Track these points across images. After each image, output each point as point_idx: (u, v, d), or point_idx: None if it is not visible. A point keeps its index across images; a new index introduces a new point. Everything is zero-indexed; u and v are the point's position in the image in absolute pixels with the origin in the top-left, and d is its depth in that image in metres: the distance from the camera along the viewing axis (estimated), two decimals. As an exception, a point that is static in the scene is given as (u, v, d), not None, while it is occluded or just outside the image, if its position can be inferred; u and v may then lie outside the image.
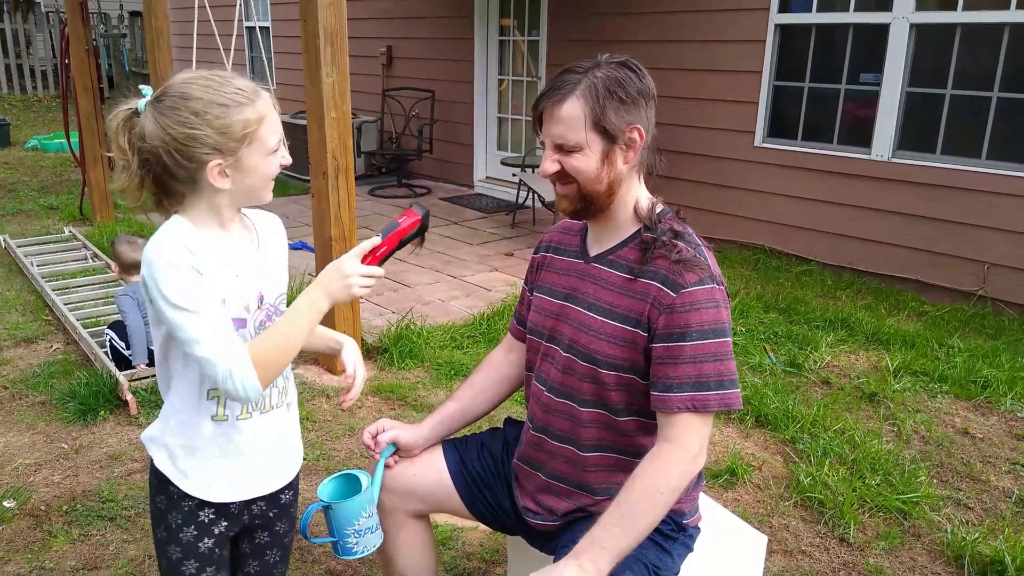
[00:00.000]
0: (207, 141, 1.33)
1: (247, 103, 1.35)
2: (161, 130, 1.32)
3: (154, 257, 1.32)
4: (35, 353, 3.92)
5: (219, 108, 1.33)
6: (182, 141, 1.32)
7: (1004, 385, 3.57)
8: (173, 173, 1.36)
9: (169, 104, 1.33)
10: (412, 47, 8.27)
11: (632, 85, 1.48)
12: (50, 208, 6.87)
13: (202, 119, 1.32)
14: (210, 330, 1.31)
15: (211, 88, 1.34)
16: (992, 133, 4.52)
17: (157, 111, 1.33)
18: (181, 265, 1.31)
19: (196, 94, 1.33)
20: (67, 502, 2.70)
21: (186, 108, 1.32)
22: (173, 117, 1.32)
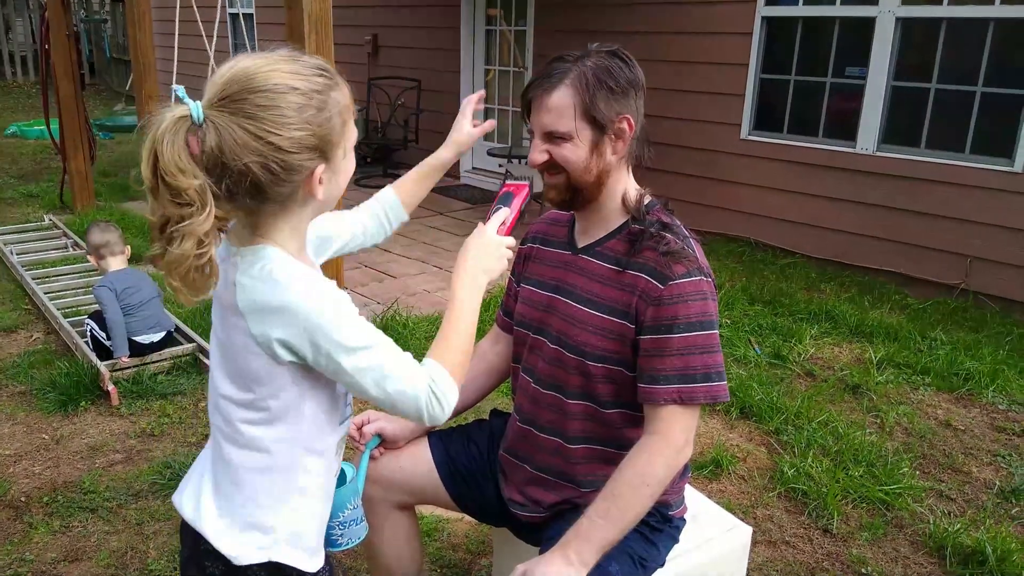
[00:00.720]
0: (311, 143, 1.06)
1: (335, 84, 1.10)
2: (254, 138, 1.02)
3: (303, 302, 1.07)
4: (15, 343, 3.87)
5: (318, 97, 1.06)
6: (287, 148, 1.03)
7: (986, 377, 3.61)
8: (266, 193, 1.06)
9: (255, 103, 1.02)
10: (398, 36, 8.22)
11: (622, 75, 1.47)
12: (30, 196, 6.77)
13: (302, 115, 1.04)
14: (395, 356, 1.12)
15: (298, 74, 1.06)
16: (976, 127, 4.55)
17: (235, 114, 1.02)
18: (340, 298, 1.09)
19: (285, 82, 1.04)
20: (48, 493, 2.67)
21: (284, 103, 1.03)
22: (269, 118, 1.02)
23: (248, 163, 1.02)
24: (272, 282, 1.08)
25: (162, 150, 1.00)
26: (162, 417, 3.18)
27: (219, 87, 1.04)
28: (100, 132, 9.27)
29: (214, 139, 1.02)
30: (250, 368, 1.13)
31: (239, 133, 1.02)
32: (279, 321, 1.07)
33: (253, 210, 1.10)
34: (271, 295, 1.07)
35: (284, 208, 1.11)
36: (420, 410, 1.13)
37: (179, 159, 1.00)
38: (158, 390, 3.35)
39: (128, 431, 3.08)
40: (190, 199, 1.00)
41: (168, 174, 1.00)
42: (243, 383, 1.15)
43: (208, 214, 1.01)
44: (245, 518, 1.19)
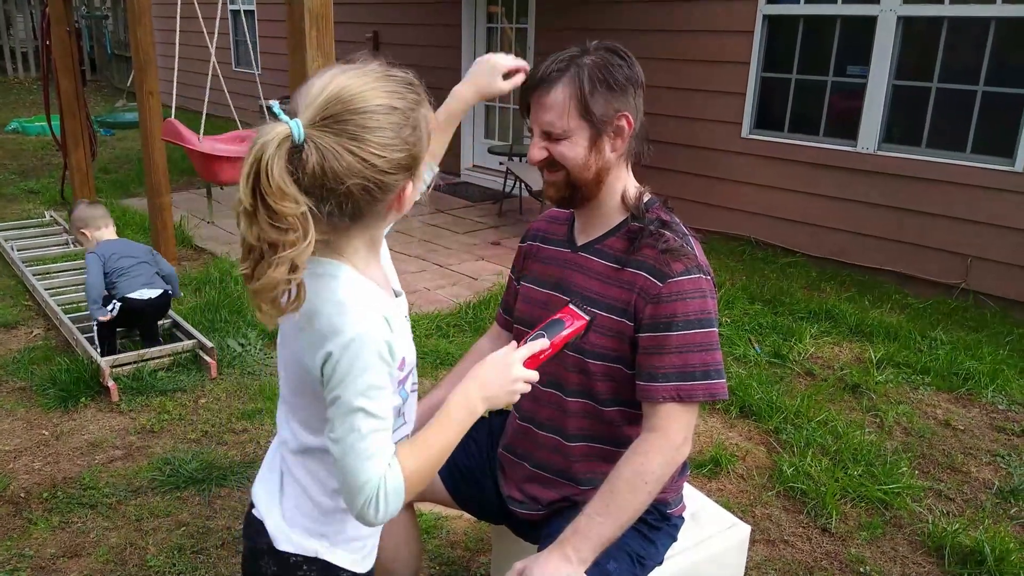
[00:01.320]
0: (406, 162, 1.04)
1: (423, 99, 1.08)
2: (359, 160, 0.99)
3: (357, 334, 1.05)
4: (15, 338, 3.88)
5: (413, 116, 1.05)
6: (386, 169, 1.02)
7: (986, 377, 3.61)
8: (362, 213, 1.05)
9: (360, 124, 1.00)
10: (399, 33, 8.21)
11: (621, 72, 1.46)
12: (31, 192, 6.77)
13: (401, 135, 1.03)
14: (384, 447, 1.07)
15: (396, 92, 1.04)
16: (977, 127, 4.55)
17: (339, 135, 0.99)
18: (384, 353, 1.07)
19: (387, 102, 1.02)
20: (47, 489, 2.68)
21: (387, 124, 1.01)
22: (374, 140, 1.00)
23: (351, 186, 1.00)
24: (334, 304, 1.07)
25: (270, 172, 0.96)
26: (162, 413, 3.18)
27: (320, 106, 1.00)
28: (101, 128, 9.26)
29: (317, 160, 0.98)
30: (300, 378, 1.14)
31: (344, 156, 0.99)
32: (331, 338, 1.06)
33: (334, 228, 1.07)
34: (328, 316, 1.06)
35: (363, 223, 1.09)
36: (358, 503, 1.07)
37: (284, 183, 0.96)
38: (158, 386, 3.35)
39: (128, 427, 3.08)
40: (291, 224, 0.97)
41: (271, 197, 0.96)
42: (301, 393, 1.16)
43: (309, 242, 0.98)
44: (304, 521, 1.21)
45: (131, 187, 6.92)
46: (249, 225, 0.98)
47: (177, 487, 2.70)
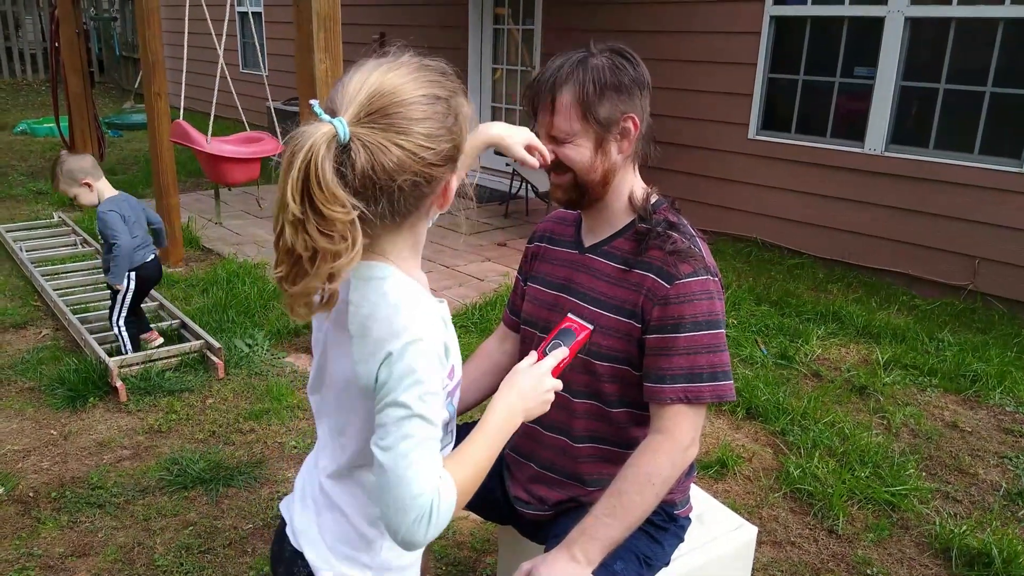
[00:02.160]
0: (451, 153, 1.01)
1: (460, 88, 1.05)
2: (409, 154, 0.95)
3: (416, 335, 0.99)
4: (24, 339, 3.90)
5: (454, 102, 1.02)
6: (434, 161, 0.98)
7: (993, 379, 3.59)
8: (408, 210, 1.01)
9: (407, 116, 0.96)
10: (406, 34, 8.13)
11: (626, 74, 1.47)
12: (39, 193, 6.81)
13: (446, 124, 1.00)
14: (437, 457, 1.01)
15: (436, 82, 1.01)
16: (985, 128, 4.53)
17: (386, 129, 0.95)
18: (441, 355, 1.02)
19: (431, 92, 0.99)
20: (56, 488, 2.69)
21: (433, 114, 0.98)
22: (422, 132, 0.97)
23: (401, 182, 0.96)
24: (389, 307, 1.01)
25: (323, 175, 0.91)
26: (170, 414, 3.19)
27: (362, 103, 0.95)
28: (109, 130, 9.30)
29: (366, 158, 0.94)
30: (350, 394, 1.07)
31: (393, 150, 0.95)
32: (381, 344, 1.00)
33: (377, 226, 1.01)
34: (385, 320, 1.01)
35: (407, 221, 1.04)
36: (407, 521, 0.98)
37: (335, 187, 0.91)
38: (166, 387, 3.36)
39: (136, 427, 3.10)
40: (340, 232, 0.92)
41: (323, 203, 0.91)
42: (351, 408, 1.09)
43: (356, 253, 0.94)
44: (346, 550, 1.17)
45: (139, 188, 6.94)
46: (296, 233, 0.93)
47: (184, 487, 2.71)
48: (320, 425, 1.21)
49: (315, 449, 1.25)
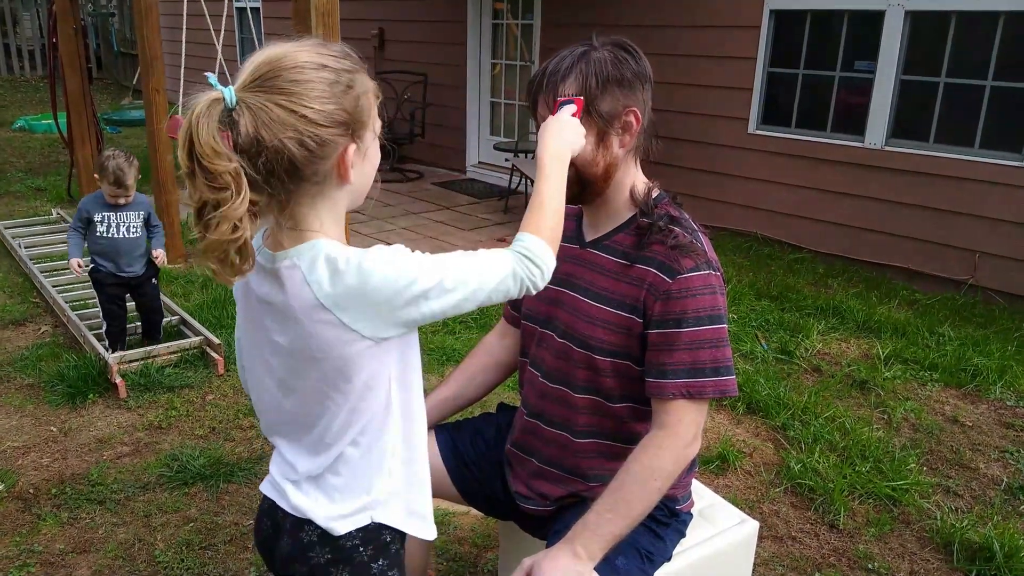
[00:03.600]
0: (342, 118, 1.06)
1: (361, 68, 1.11)
2: (288, 112, 1.02)
3: (365, 253, 1.08)
4: (23, 335, 3.89)
5: (347, 76, 1.07)
6: (320, 122, 1.04)
7: (994, 373, 3.59)
8: (301, 173, 1.06)
9: (287, 78, 1.03)
10: (404, 30, 8.21)
11: (628, 67, 1.46)
12: (38, 190, 6.80)
13: (333, 90, 1.05)
14: (477, 267, 1.14)
15: (327, 55, 1.08)
16: (985, 122, 4.53)
17: (268, 91, 1.02)
18: (398, 249, 1.11)
19: (315, 60, 1.06)
20: (56, 485, 2.69)
21: (316, 78, 1.04)
22: (301, 92, 1.03)
23: (284, 139, 1.02)
24: (352, 270, 1.07)
25: (198, 134, 1.00)
26: (169, 410, 3.19)
27: (250, 71, 1.05)
28: (107, 126, 9.28)
29: (249, 120, 1.02)
30: (347, 356, 1.11)
31: (274, 110, 1.02)
32: (378, 306, 1.08)
33: (291, 199, 1.09)
34: (356, 282, 1.07)
35: (322, 193, 1.10)
36: (520, 280, 1.17)
37: (214, 142, 1.00)
38: (165, 383, 3.36)
39: (136, 424, 3.09)
40: (225, 183, 1.01)
41: (204, 157, 1.00)
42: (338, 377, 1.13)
43: (243, 198, 1.02)
44: (350, 498, 1.20)
45: (138, 184, 6.93)
46: (191, 187, 1.02)
47: (185, 483, 2.71)
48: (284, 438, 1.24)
49: (279, 462, 1.26)
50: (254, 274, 1.15)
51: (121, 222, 3.46)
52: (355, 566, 1.20)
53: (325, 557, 1.20)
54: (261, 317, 1.17)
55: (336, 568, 1.20)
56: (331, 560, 1.20)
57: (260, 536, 1.31)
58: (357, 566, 1.20)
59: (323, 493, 1.21)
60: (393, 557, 1.24)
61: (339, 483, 1.20)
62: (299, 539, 1.21)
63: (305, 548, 1.20)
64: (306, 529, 1.20)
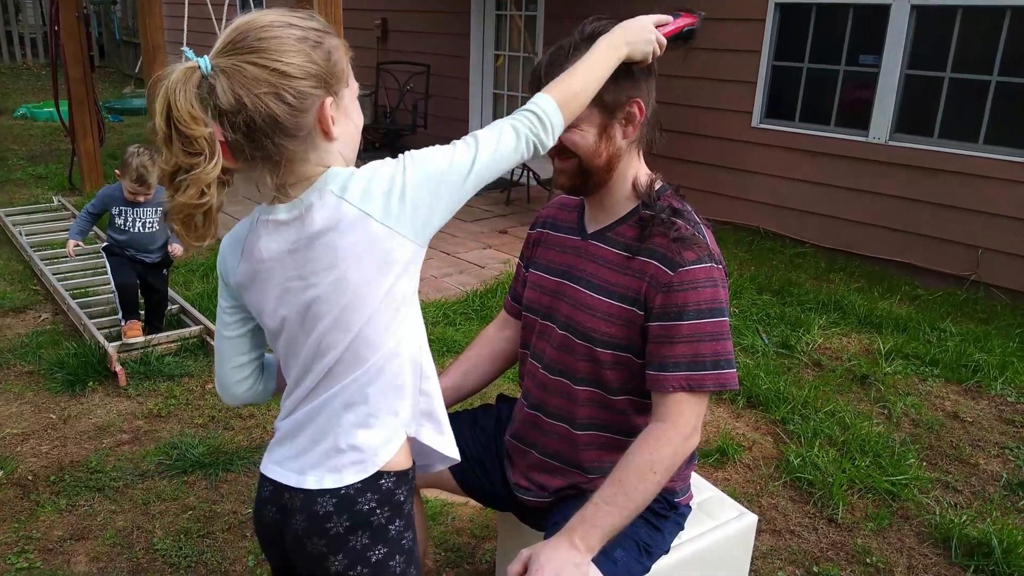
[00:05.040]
0: (314, 71, 1.09)
1: (331, 33, 1.15)
2: (261, 68, 1.05)
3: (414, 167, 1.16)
4: (23, 323, 3.89)
5: (315, 35, 1.11)
6: (293, 74, 1.07)
7: (995, 369, 3.59)
8: (284, 127, 1.08)
9: (256, 37, 1.07)
10: (407, 20, 8.18)
11: (632, 58, 1.44)
12: (39, 177, 6.79)
13: (302, 45, 1.08)
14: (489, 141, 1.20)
15: (294, 16, 1.12)
16: (990, 117, 4.51)
17: (239, 52, 1.06)
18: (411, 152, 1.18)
19: (282, 19, 1.10)
20: (55, 472, 2.69)
21: (284, 35, 1.08)
22: (271, 47, 1.06)
23: (261, 95, 1.05)
24: (387, 176, 1.14)
25: (176, 100, 1.03)
26: (169, 398, 3.19)
27: (221, 40, 1.09)
28: (109, 115, 9.27)
29: (226, 83, 1.05)
30: (390, 264, 1.15)
31: (248, 68, 1.05)
32: (426, 199, 1.14)
33: (283, 155, 1.11)
34: (392, 185, 1.13)
35: (314, 147, 1.13)
36: (527, 142, 1.21)
37: (192, 108, 1.03)
38: (165, 371, 3.36)
39: (135, 412, 3.09)
40: (200, 148, 1.04)
41: (181, 123, 1.03)
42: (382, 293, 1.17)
43: (215, 163, 1.05)
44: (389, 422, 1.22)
45: (139, 173, 6.92)
46: (167, 152, 1.06)
47: (184, 471, 2.71)
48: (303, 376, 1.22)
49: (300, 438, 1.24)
50: (267, 238, 1.17)
51: (138, 217, 3.48)
52: (374, 530, 1.20)
53: (344, 525, 1.18)
54: (287, 277, 1.17)
55: (355, 536, 1.19)
56: (350, 528, 1.19)
57: (263, 525, 1.29)
58: (376, 530, 1.20)
59: (366, 424, 1.21)
60: (407, 518, 1.25)
61: (380, 407, 1.21)
62: (314, 512, 1.19)
63: (322, 520, 1.19)
64: (320, 501, 1.19)
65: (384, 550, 1.21)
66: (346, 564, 1.19)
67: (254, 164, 1.12)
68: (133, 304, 3.52)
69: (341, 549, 1.19)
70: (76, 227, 3.60)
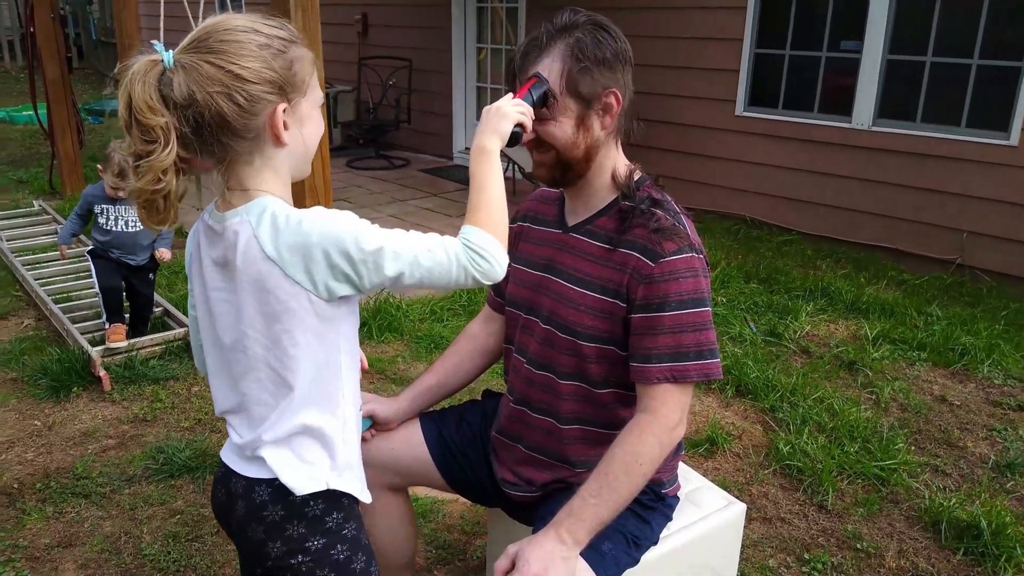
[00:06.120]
0: (271, 77, 1.12)
1: (297, 42, 1.18)
2: (217, 68, 1.09)
3: (308, 212, 1.13)
4: (5, 329, 3.85)
5: (279, 42, 1.14)
6: (247, 78, 1.10)
7: (982, 352, 3.60)
8: (233, 127, 1.12)
9: (219, 39, 1.11)
10: (388, 14, 8.13)
11: (608, 47, 1.43)
12: (19, 182, 6.72)
13: (262, 52, 1.12)
14: (418, 240, 1.17)
15: (261, 23, 1.15)
16: (972, 101, 4.52)
17: (200, 51, 1.10)
18: (343, 211, 1.15)
19: (248, 25, 1.13)
20: (41, 479, 2.66)
21: (246, 39, 1.11)
22: (230, 50, 1.10)
23: (213, 93, 1.09)
24: (293, 226, 1.13)
25: (134, 90, 1.09)
26: (154, 402, 3.16)
27: (188, 38, 1.13)
28: (88, 116, 9.18)
29: (183, 78, 1.09)
30: (295, 311, 1.16)
31: (204, 67, 1.09)
32: (320, 260, 1.12)
33: (228, 154, 1.15)
34: (295, 238, 1.12)
35: (260, 151, 1.16)
36: (464, 268, 1.17)
37: (149, 99, 1.08)
38: (150, 375, 3.33)
39: (120, 416, 3.06)
40: (155, 136, 1.09)
41: (139, 112, 1.08)
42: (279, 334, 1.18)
43: (170, 151, 1.10)
44: (312, 458, 1.24)
45: (121, 175, 6.85)
46: (128, 139, 1.12)
47: (171, 475, 2.69)
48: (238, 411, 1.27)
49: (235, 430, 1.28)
50: (205, 239, 1.22)
51: (120, 215, 3.42)
52: (309, 520, 1.24)
53: (279, 514, 1.23)
54: (215, 282, 1.22)
55: (291, 525, 1.23)
56: (285, 517, 1.23)
57: (216, 504, 1.35)
58: (311, 520, 1.24)
59: (291, 453, 1.23)
60: (347, 510, 1.28)
61: (303, 447, 1.24)
62: (251, 500, 1.24)
63: (258, 508, 1.24)
64: (257, 490, 1.24)
65: (322, 540, 1.24)
66: (284, 551, 1.23)
67: (205, 159, 1.16)
68: (117, 307, 3.48)
69: (279, 536, 1.24)
70: (64, 231, 3.59)
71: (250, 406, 1.24)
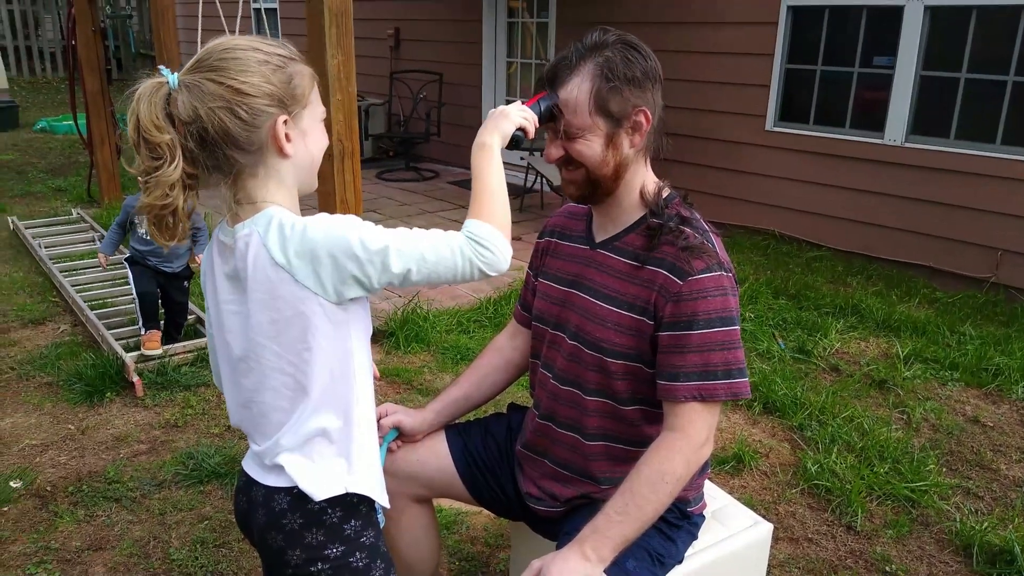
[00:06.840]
0: (271, 91, 1.17)
1: (297, 59, 1.23)
2: (218, 85, 1.14)
3: (311, 219, 1.16)
4: (42, 334, 3.93)
5: (279, 59, 1.19)
6: (248, 92, 1.15)
7: (1016, 373, 3.53)
8: (236, 140, 1.16)
9: (220, 57, 1.16)
10: (420, 29, 8.21)
11: (638, 66, 1.44)
12: (58, 190, 6.87)
13: (262, 68, 1.16)
14: (418, 235, 1.19)
15: (262, 42, 1.20)
16: (1007, 118, 4.45)
17: (206, 72, 1.15)
18: (346, 216, 1.19)
19: (248, 44, 1.18)
20: (73, 483, 2.71)
21: (245, 56, 1.16)
22: (231, 67, 1.15)
23: (215, 108, 1.14)
24: (299, 233, 1.16)
25: (141, 110, 1.14)
26: (186, 408, 3.21)
27: (194, 61, 1.18)
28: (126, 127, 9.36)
29: (186, 96, 1.14)
30: (306, 315, 1.18)
31: (207, 85, 1.14)
32: (327, 263, 1.15)
33: (234, 168, 1.19)
34: (301, 244, 1.15)
35: (264, 164, 1.20)
36: (469, 261, 1.19)
37: (155, 118, 1.14)
38: (182, 382, 3.38)
39: (152, 422, 3.11)
40: (161, 153, 1.14)
41: (146, 131, 1.13)
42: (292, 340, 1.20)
43: (176, 167, 1.14)
44: (320, 458, 1.26)
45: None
46: (137, 157, 1.16)
47: (200, 481, 2.72)
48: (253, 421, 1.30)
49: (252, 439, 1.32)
50: (218, 255, 1.25)
51: None
52: (328, 528, 1.26)
53: (298, 523, 1.25)
54: (226, 295, 1.25)
55: (310, 532, 1.26)
56: (303, 525, 1.25)
57: (238, 513, 1.37)
58: (330, 528, 1.26)
59: (309, 458, 1.25)
60: (365, 518, 1.31)
61: (321, 451, 1.26)
62: (271, 508, 1.27)
63: (278, 516, 1.26)
64: (276, 499, 1.26)
65: (341, 548, 1.27)
66: (304, 559, 1.26)
67: (211, 174, 1.20)
68: (153, 313, 3.54)
69: (298, 544, 1.26)
70: (107, 241, 3.69)
71: (267, 413, 1.26)
